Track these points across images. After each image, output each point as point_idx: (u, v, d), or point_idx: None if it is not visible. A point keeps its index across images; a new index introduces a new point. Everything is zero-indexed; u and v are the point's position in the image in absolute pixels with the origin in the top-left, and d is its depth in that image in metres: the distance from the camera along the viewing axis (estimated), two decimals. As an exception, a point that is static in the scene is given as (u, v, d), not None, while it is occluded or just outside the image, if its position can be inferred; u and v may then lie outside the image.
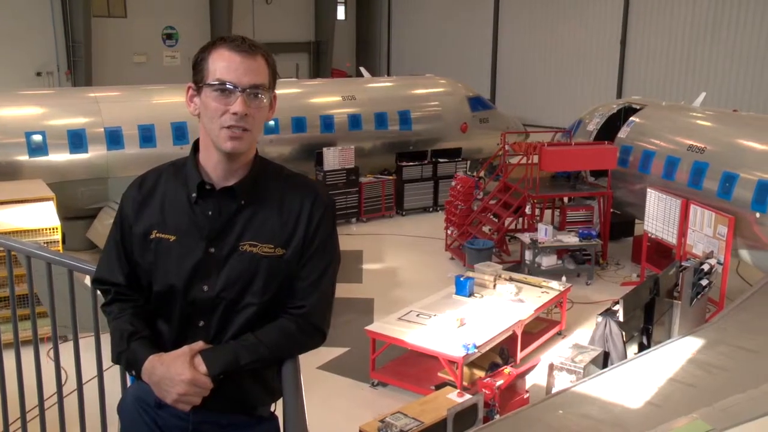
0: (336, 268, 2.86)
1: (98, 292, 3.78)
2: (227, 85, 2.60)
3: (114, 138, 14.92)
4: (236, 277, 2.71)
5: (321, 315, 2.81)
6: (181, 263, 2.72)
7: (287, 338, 2.74)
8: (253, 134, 2.68)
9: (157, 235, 2.76)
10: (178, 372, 2.59)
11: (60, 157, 14.53)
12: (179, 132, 15.41)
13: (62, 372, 4.15)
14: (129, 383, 3.05)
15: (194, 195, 2.74)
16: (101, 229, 14.15)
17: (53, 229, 10.61)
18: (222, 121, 2.63)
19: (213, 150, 2.72)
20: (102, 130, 14.88)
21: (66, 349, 4.01)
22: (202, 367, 2.62)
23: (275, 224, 2.74)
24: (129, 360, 2.74)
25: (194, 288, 2.72)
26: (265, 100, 2.68)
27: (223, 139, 2.65)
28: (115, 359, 2.81)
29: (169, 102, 16.13)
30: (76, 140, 14.63)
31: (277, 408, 2.96)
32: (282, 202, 2.77)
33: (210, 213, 2.73)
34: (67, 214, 13.14)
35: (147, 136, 15.18)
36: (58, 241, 10.66)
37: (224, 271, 2.71)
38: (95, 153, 14.79)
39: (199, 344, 2.68)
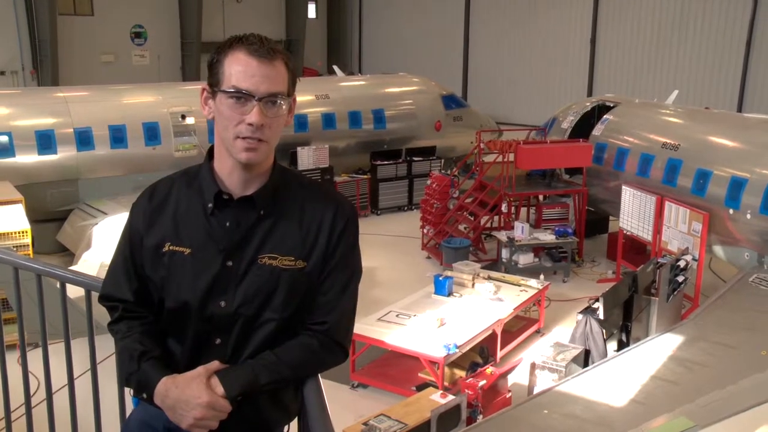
0: (358, 281, 2.74)
1: (67, 295, 3.70)
2: (243, 93, 2.44)
3: (84, 139, 14.62)
4: (255, 292, 2.56)
5: (344, 331, 2.69)
6: (196, 278, 2.57)
7: (309, 356, 2.61)
8: (270, 144, 2.54)
9: (171, 248, 2.60)
10: (195, 395, 2.43)
11: (28, 158, 14.18)
12: (151, 132, 15.17)
13: (31, 379, 4.01)
14: (132, 406, 2.86)
15: (210, 205, 2.59)
16: (71, 231, 13.88)
17: (23, 232, 10.36)
18: (237, 131, 2.48)
19: (228, 158, 2.57)
20: (71, 130, 14.56)
21: (34, 356, 3.88)
22: (220, 389, 2.46)
23: (296, 236, 2.60)
24: (140, 382, 2.57)
25: (211, 304, 2.57)
26: (283, 107, 2.54)
27: (238, 150, 2.50)
28: (124, 381, 2.64)
29: (141, 102, 15.89)
30: (45, 141, 14.29)
31: (291, 428, 2.83)
32: (302, 212, 2.63)
33: (227, 224, 2.58)
34: (36, 217, 12.85)
35: (118, 136, 14.90)
36: (28, 245, 10.41)
37: (242, 286, 2.56)
38: (65, 154, 14.48)
39: (215, 364, 2.53)
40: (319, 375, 2.70)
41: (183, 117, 15.72)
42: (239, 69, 2.45)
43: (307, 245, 2.60)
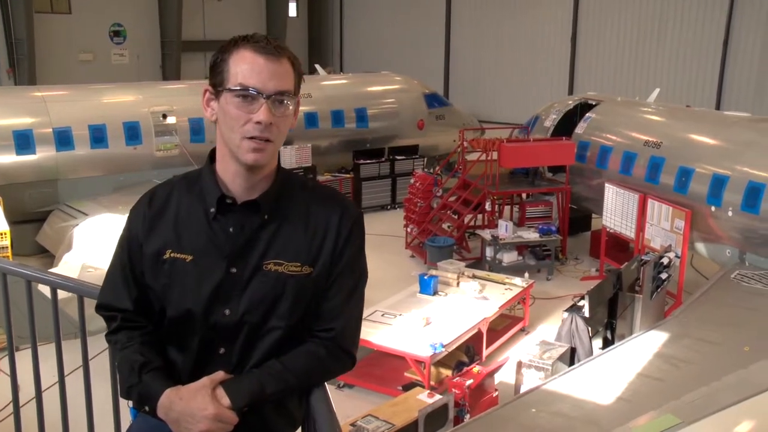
0: (364, 286, 2.68)
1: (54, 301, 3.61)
2: (250, 91, 2.36)
3: (63, 139, 14.44)
4: (261, 299, 2.48)
5: (351, 338, 2.63)
6: (199, 285, 2.48)
7: (316, 364, 2.54)
8: (276, 145, 2.45)
9: (172, 255, 2.51)
10: (200, 407, 2.35)
11: (6, 158, 13.98)
12: (132, 132, 15.02)
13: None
14: (130, 419, 2.77)
15: (213, 210, 2.50)
16: (51, 232, 13.71)
17: (2, 234, 10.22)
18: (243, 131, 2.39)
19: (232, 161, 2.48)
20: (50, 130, 14.38)
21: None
22: (225, 400, 2.39)
23: (301, 240, 2.52)
24: (141, 395, 2.48)
25: (215, 312, 2.49)
26: (290, 107, 2.45)
27: (245, 151, 2.41)
28: (125, 394, 2.55)
29: (121, 101, 15.73)
30: (23, 141, 14.10)
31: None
32: (308, 216, 2.55)
33: (231, 230, 2.49)
34: (14, 218, 12.67)
35: (98, 136, 14.73)
36: (7, 247, 10.27)
37: (247, 293, 2.48)
38: (44, 154, 14.30)
39: (220, 374, 2.45)
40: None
41: (164, 116, 15.58)
42: (246, 67, 2.38)
43: (313, 250, 2.54)
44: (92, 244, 11.36)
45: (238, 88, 2.37)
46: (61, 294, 3.61)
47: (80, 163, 14.53)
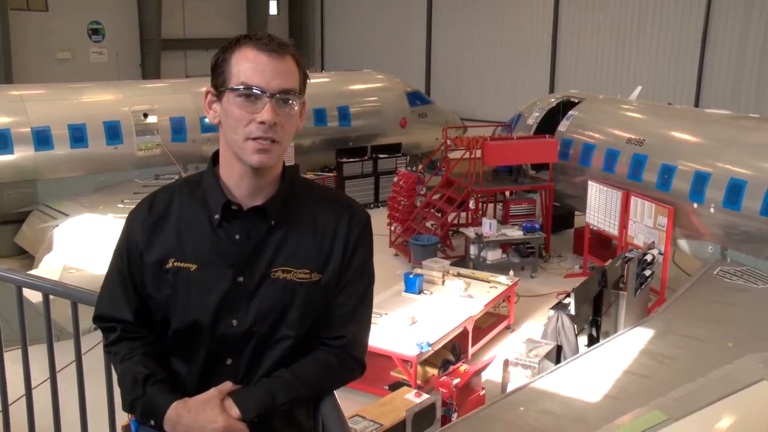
0: (373, 291, 2.61)
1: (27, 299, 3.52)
2: (254, 90, 2.28)
3: (42, 138, 14.23)
4: (269, 308, 2.40)
5: (361, 345, 2.56)
6: (205, 296, 2.39)
7: (327, 373, 2.47)
8: (282, 146, 2.36)
9: (175, 264, 2.41)
10: (210, 419, 2.27)
11: (-17, 159, 13.78)
12: (112, 131, 14.84)
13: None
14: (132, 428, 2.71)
15: (217, 217, 2.40)
16: (30, 233, 13.50)
17: (-20, 235, 10.03)
18: (247, 132, 2.30)
19: (236, 164, 2.38)
20: (28, 130, 14.17)
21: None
22: (235, 411, 2.31)
23: (310, 246, 2.44)
24: (146, 408, 2.38)
25: (222, 323, 2.40)
26: (296, 107, 2.38)
27: (249, 152, 2.31)
28: (128, 408, 2.45)
29: (101, 100, 15.53)
30: (0, 141, 13.88)
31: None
32: (315, 221, 2.46)
33: (237, 237, 2.40)
34: (-8, 219, 12.50)
35: (78, 136, 14.53)
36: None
37: (255, 302, 2.39)
38: (22, 154, 14.07)
39: (228, 385, 2.37)
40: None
41: (145, 115, 15.41)
42: (248, 65, 2.30)
43: (322, 256, 2.45)
44: (73, 245, 11.22)
45: (241, 87, 2.29)
46: (38, 297, 3.54)
47: (60, 162, 14.34)
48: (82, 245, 11.22)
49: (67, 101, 15.15)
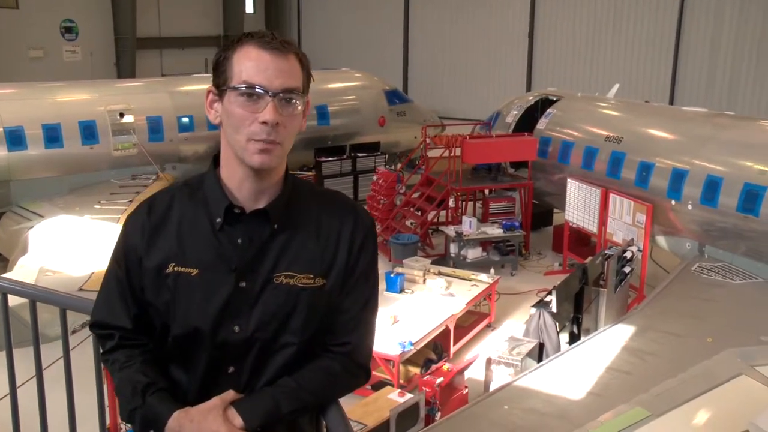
0: (377, 296, 2.55)
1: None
2: (256, 89, 2.22)
3: (15, 138, 13.98)
4: (272, 314, 2.33)
5: (366, 352, 2.49)
6: (207, 301, 2.32)
7: (331, 380, 2.40)
8: (284, 147, 2.30)
9: (175, 269, 2.33)
10: (213, 429, 2.21)
11: (-46, 160, 13.52)
12: (88, 131, 14.64)
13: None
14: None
15: (219, 221, 2.34)
16: (4, 235, 13.25)
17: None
18: (249, 132, 2.24)
19: (238, 166, 2.32)
20: (1, 130, 13.93)
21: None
22: (238, 421, 2.24)
23: (314, 251, 2.37)
24: (146, 417, 2.31)
25: (223, 329, 2.33)
26: (299, 107, 2.31)
27: (251, 153, 2.25)
28: (126, 417, 2.37)
29: (76, 100, 15.32)
30: (-28, 141, 13.65)
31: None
32: (319, 224, 2.41)
33: (239, 241, 2.33)
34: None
35: (53, 136, 14.31)
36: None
37: (257, 308, 2.33)
38: (-6, 155, 13.85)
39: (231, 394, 2.29)
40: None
41: (121, 115, 15.22)
42: (250, 64, 2.23)
43: (326, 261, 2.40)
44: (49, 246, 11.04)
45: (243, 86, 2.23)
46: (17, 300, 3.46)
47: (34, 163, 14.11)
48: (59, 247, 11.05)
49: (41, 100, 14.92)
